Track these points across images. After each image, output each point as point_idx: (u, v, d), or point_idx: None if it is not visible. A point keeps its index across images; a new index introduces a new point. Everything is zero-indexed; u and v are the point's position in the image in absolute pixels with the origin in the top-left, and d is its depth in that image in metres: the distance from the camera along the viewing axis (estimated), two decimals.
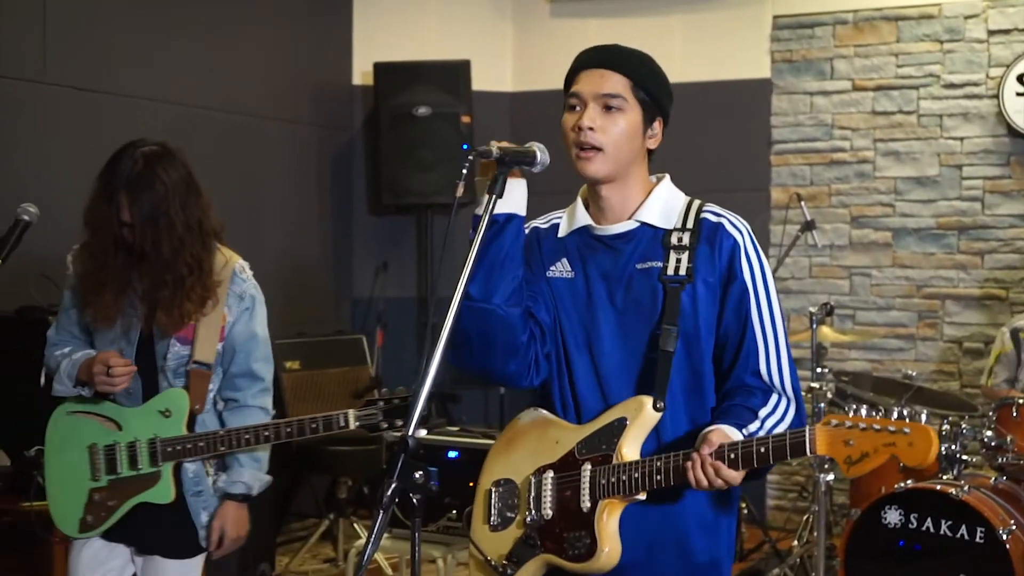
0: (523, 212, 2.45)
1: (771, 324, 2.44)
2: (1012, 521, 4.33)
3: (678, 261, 2.41)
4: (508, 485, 2.54)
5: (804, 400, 2.49)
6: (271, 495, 4.82)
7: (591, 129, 2.40)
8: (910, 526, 4.41)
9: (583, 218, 2.52)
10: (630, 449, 2.39)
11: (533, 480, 2.49)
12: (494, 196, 2.34)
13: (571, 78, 2.50)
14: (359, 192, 7.17)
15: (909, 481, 4.58)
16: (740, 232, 2.45)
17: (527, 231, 2.53)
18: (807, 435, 2.24)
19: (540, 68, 7.18)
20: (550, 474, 2.47)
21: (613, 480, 2.37)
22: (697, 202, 2.50)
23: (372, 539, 2.10)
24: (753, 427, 2.37)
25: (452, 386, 6.81)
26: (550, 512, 2.46)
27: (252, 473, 3.23)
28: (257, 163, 6.40)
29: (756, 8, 6.72)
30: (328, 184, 6.98)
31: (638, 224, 2.47)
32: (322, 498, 6.29)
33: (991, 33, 6.24)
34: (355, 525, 5.84)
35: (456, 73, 6.73)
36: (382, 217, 7.17)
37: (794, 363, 2.48)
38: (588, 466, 2.42)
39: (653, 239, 2.45)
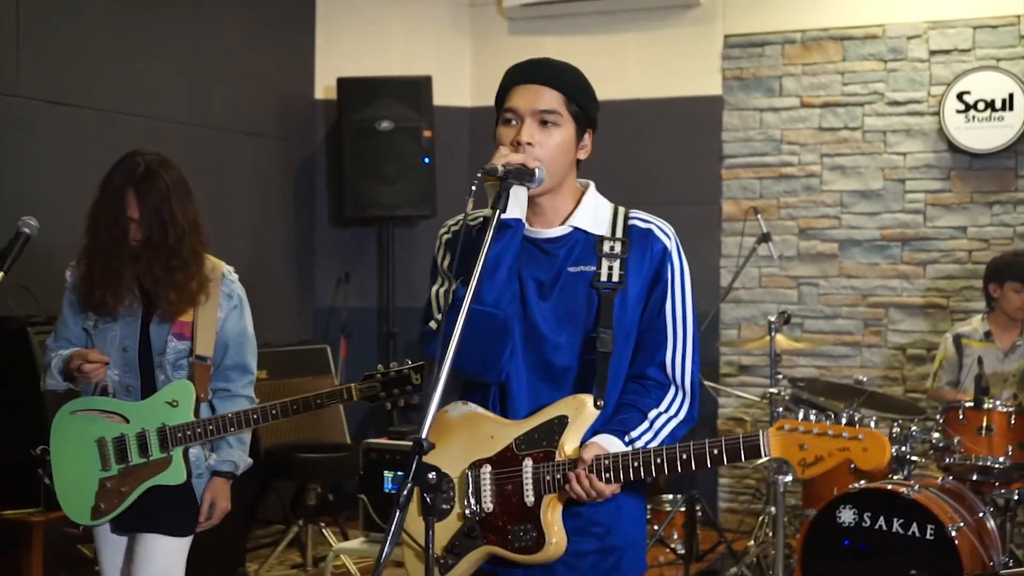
0: (524, 217, 2.52)
1: (683, 322, 2.56)
2: (960, 518, 4.55)
3: (610, 268, 2.52)
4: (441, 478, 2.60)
5: (699, 396, 2.61)
6: (239, 501, 4.93)
7: (529, 144, 2.48)
8: (863, 524, 4.60)
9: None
10: (571, 446, 2.47)
11: (470, 474, 2.53)
12: (498, 210, 2.41)
13: (505, 92, 2.58)
14: (321, 204, 7.27)
15: (862, 481, 4.79)
16: (668, 237, 2.57)
17: (456, 228, 2.66)
18: (761, 439, 2.36)
19: (498, 84, 7.33)
20: (487, 468, 2.52)
21: (558, 476, 2.45)
22: (622, 209, 2.61)
23: (389, 538, 2.15)
24: (638, 431, 2.50)
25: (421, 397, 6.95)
26: (491, 506, 2.51)
27: (239, 453, 3.52)
28: (223, 175, 6.47)
29: (708, 27, 6.91)
30: (291, 196, 7.07)
31: (571, 229, 2.56)
32: (289, 504, 6.38)
33: (932, 53, 6.48)
34: (323, 531, 5.94)
35: (418, 88, 6.86)
36: (344, 228, 7.27)
37: (698, 361, 2.60)
38: (529, 462, 2.48)
39: (586, 244, 2.55)
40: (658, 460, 2.42)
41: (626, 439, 2.48)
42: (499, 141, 2.55)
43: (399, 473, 4.48)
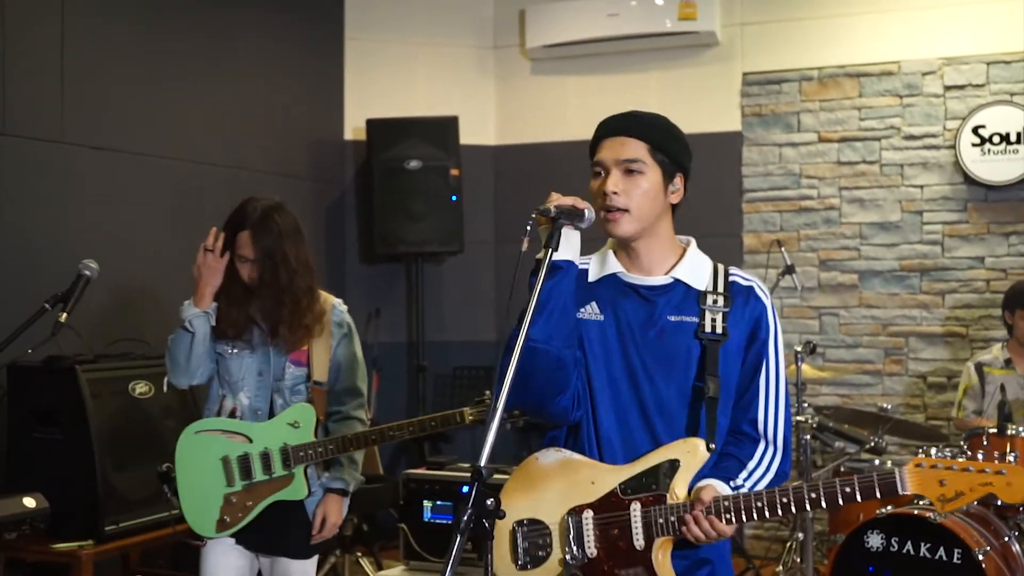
0: (577, 258, 2.62)
1: (775, 380, 2.64)
2: (986, 543, 4.63)
3: (714, 320, 2.59)
4: (535, 525, 2.59)
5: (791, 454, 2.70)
6: None
7: (615, 193, 2.58)
8: (891, 549, 4.68)
9: (614, 265, 2.68)
10: (682, 489, 2.50)
11: (571, 520, 2.55)
12: (551, 249, 2.49)
13: (594, 146, 2.67)
14: (351, 241, 7.44)
15: (889, 507, 4.89)
16: (766, 298, 2.68)
17: None
18: (898, 477, 2.36)
19: (522, 123, 7.51)
20: (589, 513, 2.54)
21: (672, 519, 2.48)
22: (722, 266, 2.70)
23: (451, 564, 2.19)
24: (740, 478, 2.56)
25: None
26: (594, 551, 2.53)
27: (350, 472, 3.82)
28: None
29: (727, 66, 7.08)
30: (323, 234, 7.23)
31: (672, 280, 2.65)
32: None
33: (947, 88, 6.63)
34: (360, 561, 6.06)
35: (445, 128, 7.02)
36: (374, 265, 7.43)
37: (791, 419, 2.67)
38: (638, 505, 2.50)
39: (687, 296, 2.63)
40: (784, 500, 2.45)
41: (732, 484, 2.54)
42: (591, 193, 2.65)
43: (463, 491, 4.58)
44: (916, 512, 4.72)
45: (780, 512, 2.45)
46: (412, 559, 4.67)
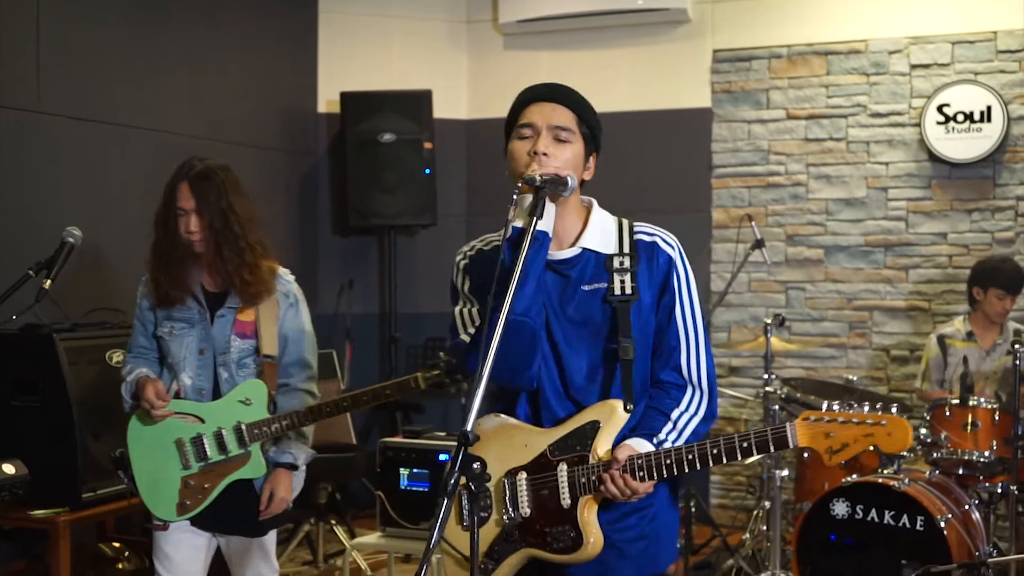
0: (551, 232, 2.64)
1: (692, 325, 2.71)
2: (948, 511, 4.77)
3: (622, 282, 2.66)
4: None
5: (718, 395, 2.80)
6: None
7: (546, 155, 2.60)
8: (856, 517, 4.82)
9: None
10: (604, 449, 2.60)
11: (507, 482, 2.66)
12: (535, 218, 2.52)
13: (519, 110, 2.70)
14: (324, 213, 7.47)
15: (854, 476, 5.03)
16: (673, 248, 2.72)
17: (471, 254, 2.81)
18: (788, 431, 2.49)
19: (494, 97, 7.55)
20: (523, 475, 2.65)
21: (593, 478, 2.58)
22: (626, 222, 2.75)
23: (437, 526, 2.22)
24: (664, 432, 2.65)
25: (417, 397, 7.18)
26: (528, 510, 2.64)
27: (299, 446, 3.69)
28: None
29: (697, 43, 7.16)
30: (296, 206, 7.27)
31: (581, 250, 2.70)
32: (299, 503, 6.55)
33: (913, 67, 6.74)
34: (334, 529, 6.13)
35: (418, 102, 7.07)
36: (347, 237, 7.47)
37: (712, 360, 2.75)
38: (564, 466, 2.62)
39: (596, 263, 2.69)
40: (689, 456, 2.56)
41: (654, 440, 2.63)
42: (513, 155, 2.67)
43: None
44: (881, 480, 4.85)
45: (687, 468, 2.56)
46: (389, 526, 4.73)
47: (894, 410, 5.05)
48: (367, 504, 6.46)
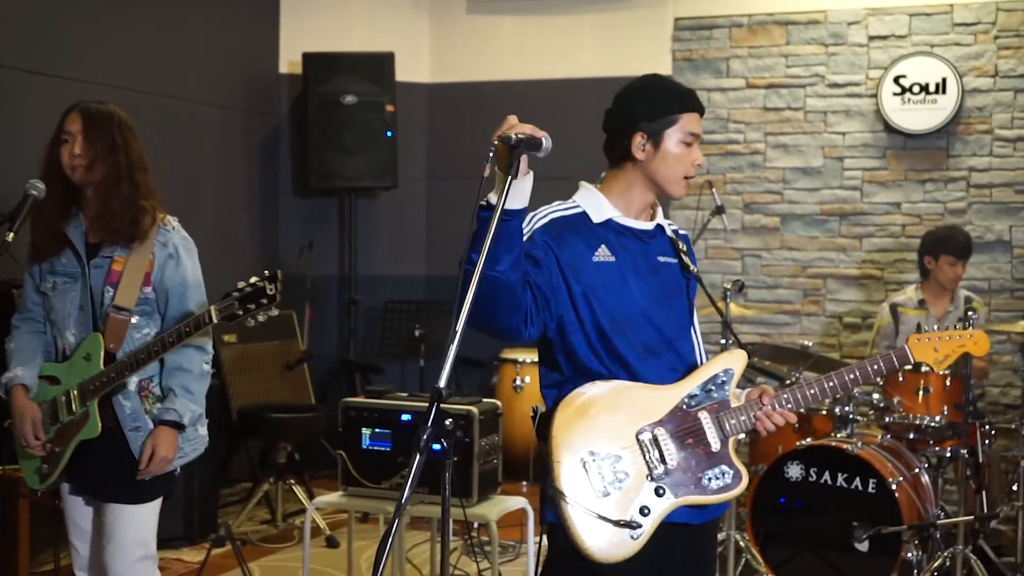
0: (527, 204, 2.68)
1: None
2: (899, 473, 4.89)
3: (683, 261, 2.93)
4: (606, 452, 2.70)
5: None
6: (210, 459, 5.08)
7: (698, 165, 2.86)
8: (810, 479, 4.91)
9: (610, 211, 2.84)
10: (738, 392, 2.81)
11: (646, 438, 2.72)
12: (510, 177, 2.54)
13: (676, 112, 2.82)
14: (285, 174, 7.46)
15: (808, 439, 5.14)
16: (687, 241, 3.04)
17: (551, 218, 2.86)
18: (907, 349, 2.84)
19: (457, 61, 7.57)
20: (661, 429, 2.73)
21: (743, 419, 2.76)
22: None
23: (409, 483, 2.24)
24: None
25: (376, 359, 7.21)
26: (675, 462, 2.72)
27: (183, 403, 3.41)
28: (191, 145, 6.64)
29: (659, 10, 7.20)
30: (256, 166, 7.25)
31: (656, 226, 2.91)
32: (257, 463, 6.59)
33: (871, 38, 6.84)
34: (294, 489, 6.16)
35: (381, 64, 7.07)
36: (307, 199, 7.47)
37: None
38: (705, 414, 2.76)
39: (666, 241, 2.92)
40: (830, 384, 2.80)
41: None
42: (680, 159, 2.80)
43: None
44: (834, 444, 4.95)
45: (829, 395, 2.84)
46: (350, 485, 4.75)
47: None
48: (324, 465, 6.49)
